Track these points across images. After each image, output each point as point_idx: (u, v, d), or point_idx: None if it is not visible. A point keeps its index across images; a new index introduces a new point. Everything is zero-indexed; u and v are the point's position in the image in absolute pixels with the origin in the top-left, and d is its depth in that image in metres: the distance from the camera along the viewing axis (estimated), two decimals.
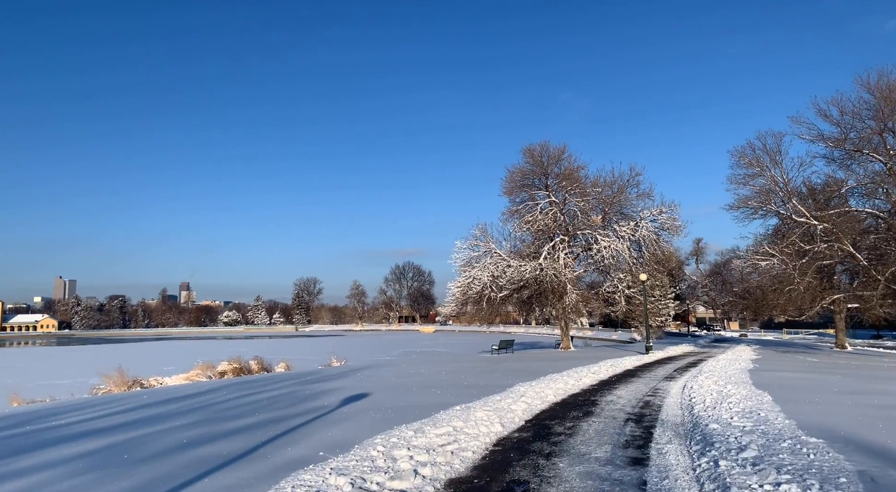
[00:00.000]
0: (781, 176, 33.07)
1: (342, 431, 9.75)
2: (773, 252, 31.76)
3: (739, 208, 34.61)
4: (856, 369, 22.00)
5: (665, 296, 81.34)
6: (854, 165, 33.45)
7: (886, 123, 31.42)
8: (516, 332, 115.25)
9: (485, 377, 19.20)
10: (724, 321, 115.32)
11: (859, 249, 31.78)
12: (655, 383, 16.93)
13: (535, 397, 13.36)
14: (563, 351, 39.13)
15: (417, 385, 17.12)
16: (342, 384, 18.52)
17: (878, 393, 13.87)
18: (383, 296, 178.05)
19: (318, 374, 25.37)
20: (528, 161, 38.51)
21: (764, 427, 8.52)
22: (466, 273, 37.42)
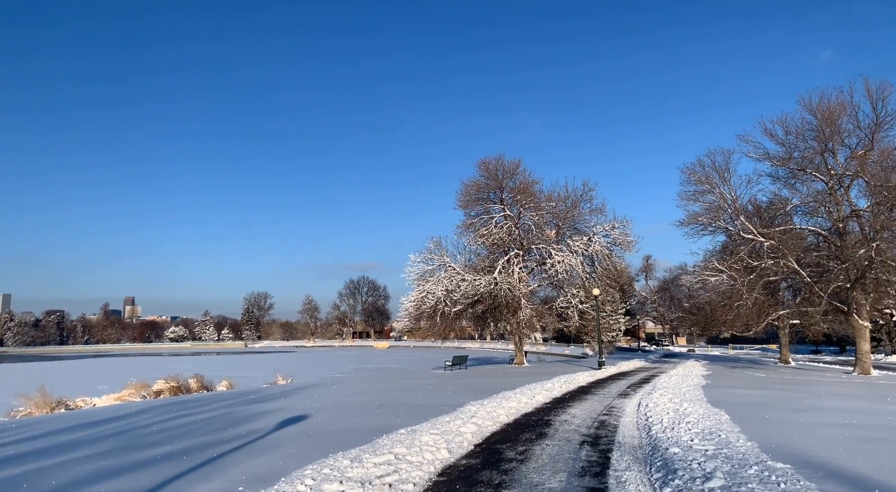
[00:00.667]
0: (730, 193, 33.64)
1: (270, 460, 8.74)
2: (722, 268, 32.15)
3: (689, 225, 35.02)
4: (802, 385, 22.13)
5: (616, 311, 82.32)
6: (798, 183, 34.36)
7: (827, 144, 32.38)
8: (471, 347, 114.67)
9: (435, 396, 18.35)
10: (673, 337, 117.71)
11: (803, 266, 32.49)
12: (610, 401, 16.44)
13: (486, 417, 12.61)
14: (517, 366, 38.61)
15: (363, 405, 16.13)
16: (282, 405, 17.35)
17: (827, 410, 13.71)
18: (337, 311, 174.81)
19: (260, 393, 23.99)
20: (483, 174, 38.22)
21: (727, 451, 7.99)
22: (420, 287, 36.61)
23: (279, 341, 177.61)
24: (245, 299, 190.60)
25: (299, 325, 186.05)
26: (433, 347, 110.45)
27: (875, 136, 31.00)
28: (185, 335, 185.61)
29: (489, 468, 8.06)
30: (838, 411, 13.27)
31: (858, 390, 19.72)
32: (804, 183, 34.18)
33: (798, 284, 36.16)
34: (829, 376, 29.14)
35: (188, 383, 30.85)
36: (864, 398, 16.79)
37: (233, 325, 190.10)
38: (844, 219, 32.40)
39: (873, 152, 31.06)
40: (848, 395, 17.75)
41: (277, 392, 23.50)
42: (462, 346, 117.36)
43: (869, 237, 29.88)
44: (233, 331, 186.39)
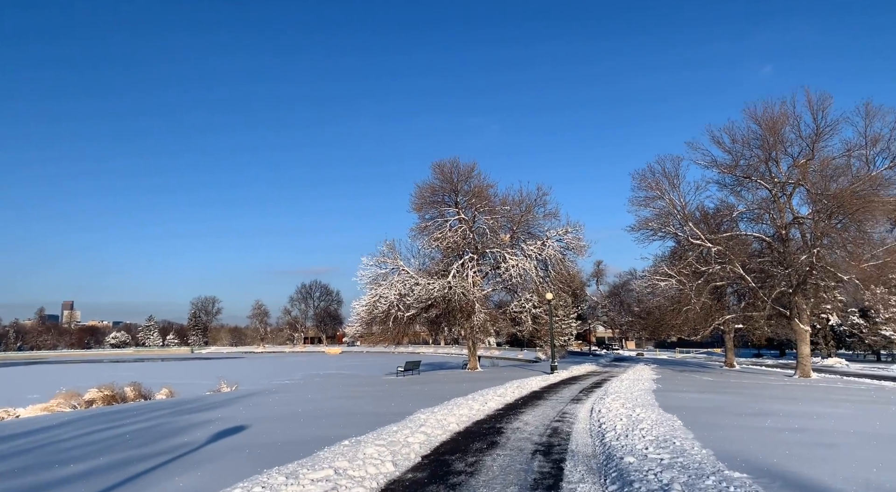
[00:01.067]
0: (679, 199, 34.31)
1: (198, 478, 7.98)
2: (672, 273, 32.69)
3: (640, 230, 35.52)
4: (749, 389, 22.49)
5: (568, 316, 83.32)
6: (744, 191, 35.30)
7: (771, 153, 33.38)
8: (425, 352, 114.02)
9: (384, 403, 17.71)
10: (622, 341, 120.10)
11: (748, 271, 33.34)
12: (563, 406, 16.18)
13: (436, 426, 12.08)
14: (471, 371, 38.24)
15: (307, 414, 15.35)
16: (222, 414, 16.38)
17: (776, 414, 13.76)
18: (288, 316, 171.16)
19: (200, 401, 22.81)
20: (438, 177, 37.76)
21: (683, 460, 7.71)
22: (373, 291, 35.82)
23: (227, 347, 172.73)
24: (192, 304, 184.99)
25: (249, 330, 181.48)
26: (386, 353, 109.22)
27: (816, 145, 32.08)
28: (128, 341, 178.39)
29: (436, 483, 7.54)
30: (787, 416, 13.33)
31: (802, 394, 20.12)
32: (750, 190, 35.17)
33: (743, 289, 37.14)
34: (772, 380, 29.86)
35: (124, 392, 29.18)
36: (808, 402, 17.06)
37: (179, 330, 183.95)
38: (787, 226, 33.42)
39: (814, 161, 32.14)
40: (793, 398, 18.03)
41: (219, 401, 22.38)
42: (416, 351, 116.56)
43: (810, 244, 30.88)
44: (179, 336, 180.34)
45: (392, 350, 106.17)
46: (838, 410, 14.65)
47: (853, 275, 29.21)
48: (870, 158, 32.88)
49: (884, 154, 32.31)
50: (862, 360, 58.92)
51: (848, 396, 19.59)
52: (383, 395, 21.00)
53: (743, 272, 32.68)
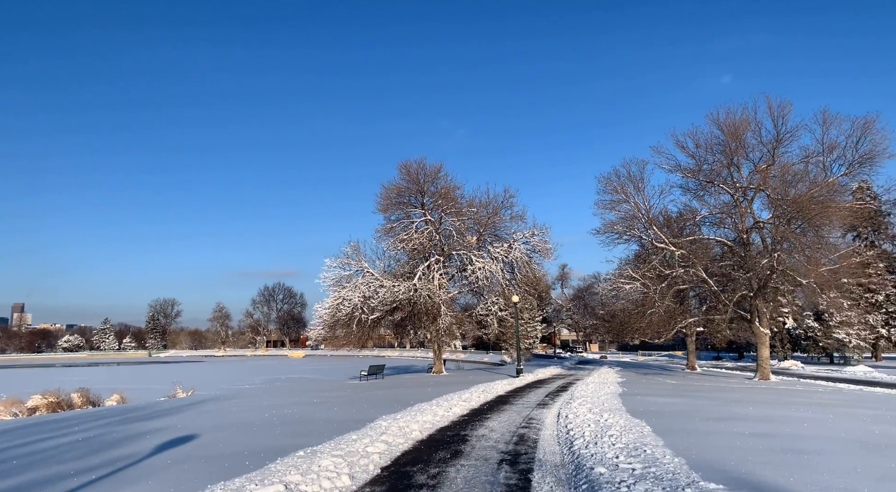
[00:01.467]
0: (644, 203, 34.51)
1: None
2: (636, 276, 32.83)
3: (605, 233, 35.60)
4: (713, 392, 22.53)
5: (533, 319, 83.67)
6: (707, 195, 35.74)
7: (733, 158, 33.86)
8: (390, 355, 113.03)
9: (345, 409, 17.04)
10: (586, 343, 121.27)
11: (710, 275, 33.74)
12: (529, 412, 15.79)
13: (397, 434, 11.52)
14: (436, 375, 37.72)
15: (263, 422, 14.59)
16: (172, 422, 15.48)
17: (743, 419, 13.62)
18: (250, 319, 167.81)
19: (152, 408, 21.72)
20: (404, 178, 37.18)
21: (655, 470, 7.34)
22: (336, 294, 34.99)
23: (187, 351, 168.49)
24: (150, 306, 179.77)
25: (209, 333, 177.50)
26: (351, 356, 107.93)
27: (776, 151, 32.66)
28: (82, 345, 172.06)
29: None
30: (754, 420, 13.19)
31: (765, 397, 20.21)
32: (712, 195, 35.60)
33: (705, 292, 37.60)
34: (733, 383, 30.15)
35: (71, 398, 27.70)
36: (772, 405, 17.07)
37: (136, 333, 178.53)
38: (748, 230, 33.92)
39: (774, 167, 32.70)
40: (758, 402, 18.04)
41: (172, 407, 21.35)
42: (381, 354, 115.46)
43: (770, 248, 31.36)
44: (136, 340, 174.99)
45: (356, 354, 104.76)
46: (803, 413, 14.63)
47: (811, 279, 29.75)
48: (827, 164, 33.67)
49: (840, 161, 33.14)
50: (816, 362, 60.49)
51: (809, 399, 19.75)
52: (344, 400, 20.31)
53: (705, 276, 33.05)
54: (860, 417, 14.09)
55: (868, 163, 32.44)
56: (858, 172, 33.03)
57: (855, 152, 32.38)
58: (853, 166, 32.73)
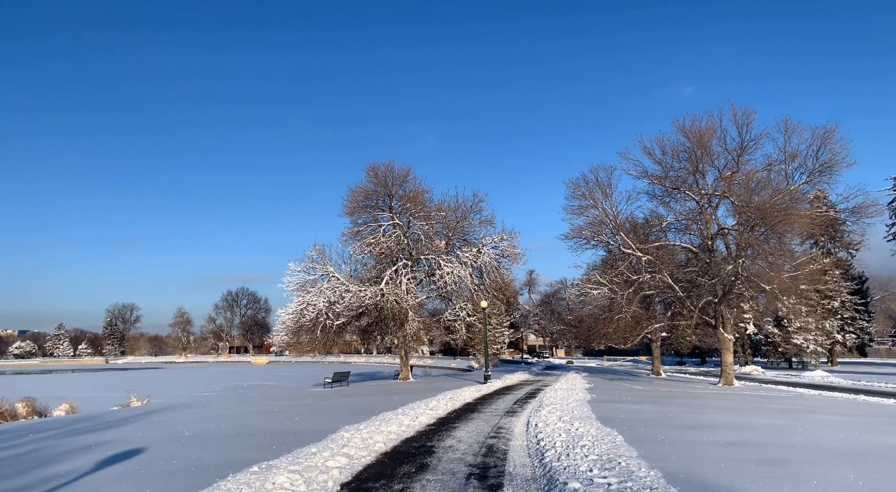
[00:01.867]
0: (611, 209, 34.62)
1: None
2: (604, 281, 32.85)
3: (573, 238, 35.56)
4: (680, 398, 22.49)
5: (501, 324, 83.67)
6: (673, 202, 36.04)
7: (698, 165, 34.26)
8: (356, 361, 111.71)
9: (307, 419, 16.33)
10: (553, 349, 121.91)
11: (676, 281, 34.00)
12: (497, 420, 15.35)
13: (360, 445, 10.94)
14: (402, 382, 37.08)
15: (218, 434, 13.81)
16: (121, 434, 14.57)
17: (715, 427, 13.44)
18: (212, 324, 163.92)
19: (102, 418, 20.62)
20: (371, 180, 36.50)
21: (632, 485, 6.95)
22: (300, 299, 34.09)
23: (146, 357, 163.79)
24: (108, 311, 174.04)
25: (170, 339, 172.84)
26: (316, 363, 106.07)
27: (740, 158, 33.13)
28: (34, 351, 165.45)
29: None
30: (725, 428, 13.02)
31: (733, 403, 20.22)
32: (678, 201, 35.89)
33: (670, 298, 37.89)
34: (699, 388, 30.34)
35: (14, 408, 26.16)
36: (741, 412, 17.01)
37: (92, 339, 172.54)
38: (713, 236, 34.31)
39: (739, 174, 33.16)
40: (725, 408, 17.99)
41: (124, 417, 20.30)
42: (347, 360, 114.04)
43: (734, 254, 31.73)
44: (92, 346, 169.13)
45: (321, 360, 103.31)
46: (772, 420, 14.55)
47: (774, 285, 30.18)
48: (789, 172, 34.36)
49: (801, 169, 33.85)
50: (776, 367, 61.69)
51: (775, 405, 19.83)
52: (306, 409, 19.56)
53: (671, 282, 33.27)
54: (828, 423, 14.06)
55: (828, 171, 33.21)
56: (819, 180, 33.79)
57: (815, 161, 33.13)
58: (814, 174, 33.47)
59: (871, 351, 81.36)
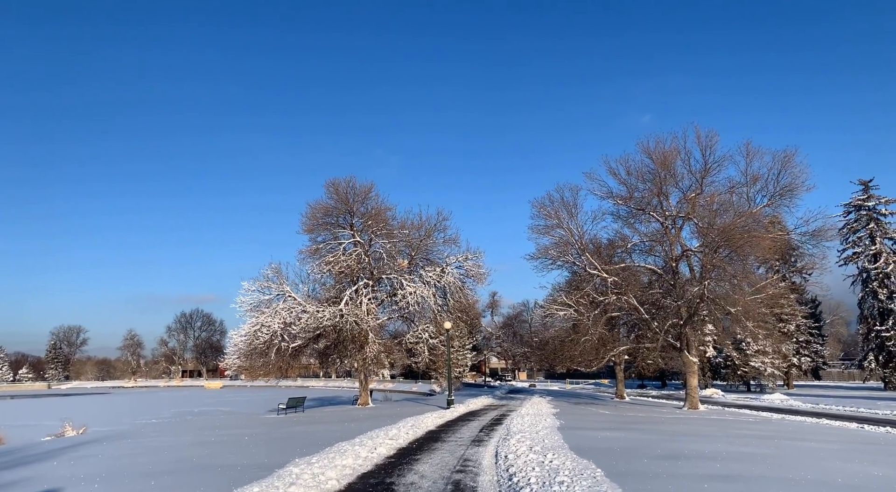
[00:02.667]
0: (577, 229, 34.22)
1: None
2: (570, 303, 32.21)
3: (538, 259, 34.99)
4: (650, 424, 21.71)
5: (464, 347, 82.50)
6: (638, 223, 35.89)
7: (662, 187, 34.26)
8: (315, 386, 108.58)
9: (254, 451, 14.84)
10: (515, 372, 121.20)
11: (641, 303, 33.65)
12: (463, 451, 14.19)
13: (310, 483, 9.65)
14: (361, 407, 35.46)
15: (149, 470, 12.24)
16: (35, 472, 12.84)
17: (693, 457, 12.53)
18: (164, 347, 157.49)
19: (28, 451, 18.67)
20: (332, 197, 35.18)
21: None
22: (254, 320, 32.31)
23: (93, 382, 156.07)
24: (52, 334, 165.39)
25: (119, 363, 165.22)
26: (272, 387, 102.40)
27: (704, 180, 33.23)
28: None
29: None
30: (705, 458, 12.17)
31: (705, 429, 19.53)
32: (643, 222, 35.76)
33: (635, 320, 37.53)
34: (665, 413, 29.76)
35: None
36: (717, 439, 16.25)
37: (35, 363, 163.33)
38: (677, 258, 34.18)
39: (702, 196, 33.22)
40: (701, 435, 17.23)
41: (53, 449, 18.38)
42: (305, 385, 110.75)
43: (700, 276, 31.56)
44: (34, 370, 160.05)
45: (278, 385, 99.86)
46: (753, 449, 13.81)
47: (739, 307, 30.03)
48: (751, 196, 34.56)
49: (763, 192, 34.08)
50: (735, 390, 62.12)
51: (747, 430, 19.25)
52: (255, 439, 17.98)
53: (637, 304, 32.87)
54: (810, 452, 13.41)
55: (788, 194, 33.50)
56: (779, 203, 34.05)
57: (776, 184, 33.40)
58: (774, 198, 33.71)
59: (824, 374, 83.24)
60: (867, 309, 60.12)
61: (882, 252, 57.69)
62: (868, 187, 58.89)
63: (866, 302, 60.26)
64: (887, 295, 58.10)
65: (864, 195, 59.00)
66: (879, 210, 58.31)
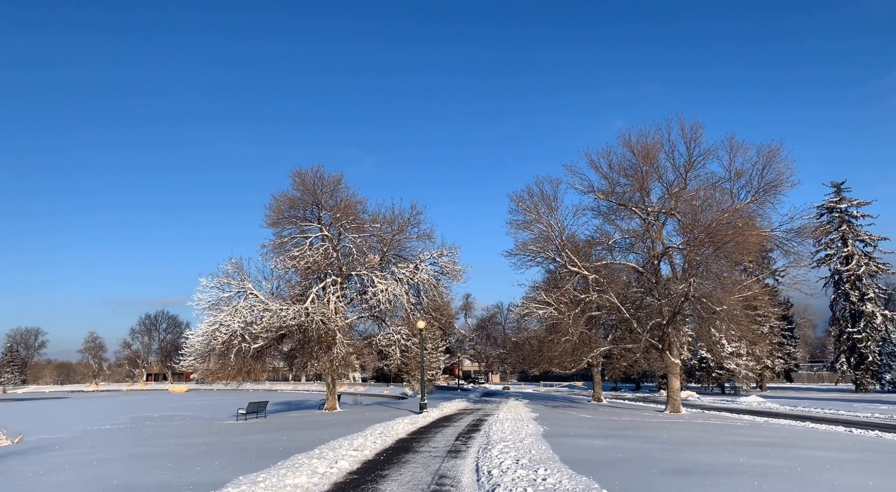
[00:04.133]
0: (557, 224, 32.69)
1: None
2: (550, 301, 30.62)
3: (517, 255, 33.38)
4: (639, 430, 20.13)
5: (437, 349, 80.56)
6: (619, 219, 34.56)
7: (644, 182, 32.98)
8: (283, 389, 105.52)
9: (195, 465, 12.79)
10: (488, 374, 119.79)
11: (623, 301, 32.31)
12: (438, 464, 12.36)
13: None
14: (328, 412, 33.39)
15: (63, 490, 10.15)
16: None
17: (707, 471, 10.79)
18: (128, 350, 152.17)
19: None
20: (298, 187, 33.02)
21: None
22: (212, 319, 29.99)
23: (51, 386, 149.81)
24: (8, 336, 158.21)
25: (80, 365, 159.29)
26: (239, 391, 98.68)
27: (688, 174, 32.08)
28: None
29: None
30: (719, 473, 10.52)
31: (700, 436, 18.03)
32: (624, 219, 34.45)
33: (615, 320, 36.18)
34: (648, 417, 28.35)
35: None
36: (718, 448, 14.70)
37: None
38: (659, 256, 32.94)
39: (686, 191, 32.04)
40: (699, 444, 15.65)
41: None
42: (273, 388, 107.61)
43: (685, 273, 30.30)
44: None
45: (246, 388, 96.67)
46: (763, 460, 12.25)
47: (725, 307, 28.84)
48: (734, 191, 33.50)
49: (747, 188, 33.04)
50: (709, 392, 61.54)
51: (740, 437, 17.80)
52: (201, 450, 15.87)
53: (618, 302, 31.48)
54: (819, 462, 11.92)
55: (773, 191, 32.52)
56: (764, 199, 33.03)
57: (761, 180, 32.37)
58: (759, 194, 32.67)
59: (795, 376, 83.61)
60: (839, 311, 60.14)
61: (854, 254, 57.72)
62: (840, 189, 58.94)
63: (838, 304, 60.28)
64: (859, 297, 58.16)
65: (836, 197, 59.02)
66: (851, 212, 58.39)
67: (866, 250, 58.31)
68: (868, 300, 57.67)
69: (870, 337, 57.53)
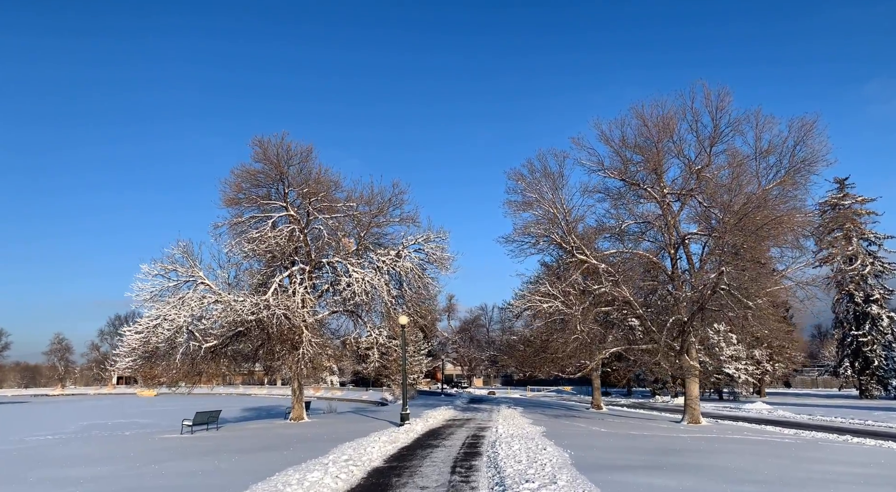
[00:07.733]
0: (562, 205, 28.22)
1: None
2: (555, 293, 26.06)
3: (515, 241, 28.86)
4: (687, 457, 15.37)
5: (419, 351, 75.93)
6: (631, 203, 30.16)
7: (661, 158, 28.75)
8: (257, 394, 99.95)
9: None
10: (471, 378, 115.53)
11: (638, 296, 27.96)
12: None
13: None
14: (293, 423, 28.58)
15: None
16: None
17: None
18: (96, 352, 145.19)
19: None
20: (259, 159, 28.03)
21: None
22: (153, 312, 25.02)
23: (14, 389, 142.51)
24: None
25: (46, 369, 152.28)
26: (211, 395, 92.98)
27: (713, 149, 27.83)
28: None
29: None
30: None
31: (778, 464, 13.56)
32: (636, 202, 30.14)
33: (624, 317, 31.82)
34: (668, 430, 23.98)
35: None
36: (820, 487, 10.34)
37: None
38: (677, 243, 28.71)
39: (711, 168, 27.83)
40: (789, 480, 11.24)
41: None
42: (248, 392, 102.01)
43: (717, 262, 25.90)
44: None
45: (220, 392, 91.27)
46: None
47: (760, 300, 24.60)
48: (760, 172, 29.34)
49: (776, 167, 28.86)
50: (707, 399, 57.65)
51: (830, 465, 13.46)
52: (97, 485, 11.04)
53: (630, 297, 27.08)
54: None
55: (806, 170, 28.40)
56: (794, 180, 28.89)
57: (792, 158, 28.21)
58: (790, 174, 28.51)
59: (794, 381, 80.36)
60: (842, 313, 57.34)
61: (858, 253, 54.66)
62: (844, 185, 55.96)
63: (841, 305, 57.42)
64: (864, 298, 55.08)
65: (839, 194, 55.94)
66: (856, 209, 55.24)
67: (871, 249, 55.40)
68: (873, 302, 54.84)
69: (875, 340, 54.52)
